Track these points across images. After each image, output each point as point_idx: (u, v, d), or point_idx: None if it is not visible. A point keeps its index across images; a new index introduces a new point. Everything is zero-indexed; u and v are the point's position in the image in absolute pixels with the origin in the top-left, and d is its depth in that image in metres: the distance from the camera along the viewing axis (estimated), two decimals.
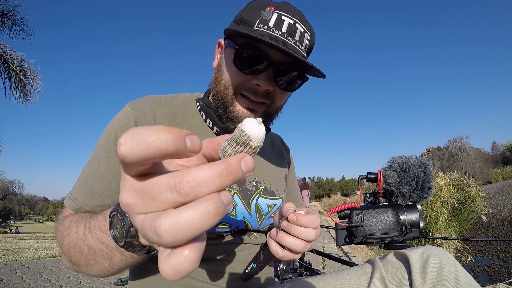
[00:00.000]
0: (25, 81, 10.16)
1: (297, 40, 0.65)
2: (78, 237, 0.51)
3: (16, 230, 25.47)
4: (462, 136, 31.45)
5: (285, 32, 0.63)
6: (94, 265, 0.50)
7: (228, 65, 0.68)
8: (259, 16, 0.64)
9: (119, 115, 0.67)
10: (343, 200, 20.66)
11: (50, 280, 3.36)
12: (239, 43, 0.64)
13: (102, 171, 0.63)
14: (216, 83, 0.71)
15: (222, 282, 0.68)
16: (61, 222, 0.60)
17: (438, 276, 0.56)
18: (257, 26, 0.63)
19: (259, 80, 0.65)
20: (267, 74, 0.65)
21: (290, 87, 0.69)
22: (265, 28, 0.63)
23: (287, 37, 0.63)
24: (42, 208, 73.95)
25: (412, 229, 0.66)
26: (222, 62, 0.70)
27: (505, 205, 13.02)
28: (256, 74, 0.65)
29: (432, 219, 5.49)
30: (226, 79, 0.68)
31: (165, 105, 0.71)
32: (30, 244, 7.00)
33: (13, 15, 10.10)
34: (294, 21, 0.64)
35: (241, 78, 0.66)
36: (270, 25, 0.63)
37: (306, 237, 0.50)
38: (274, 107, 0.71)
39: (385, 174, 0.69)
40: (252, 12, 0.65)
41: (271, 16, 0.63)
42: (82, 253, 0.50)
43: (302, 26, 0.65)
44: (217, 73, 0.72)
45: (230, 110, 0.68)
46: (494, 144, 44.41)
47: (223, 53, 0.70)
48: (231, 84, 0.67)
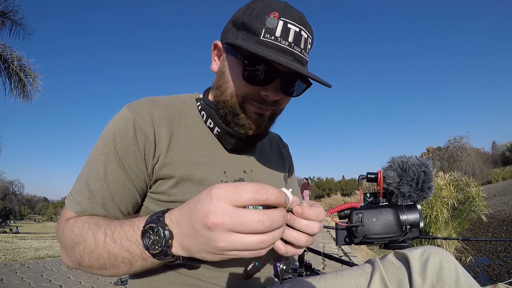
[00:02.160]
0: (25, 80, 10.17)
1: (302, 48, 0.66)
2: (98, 245, 0.54)
3: (16, 230, 25.53)
4: (462, 136, 31.52)
5: (291, 42, 0.63)
6: (110, 269, 0.55)
7: (234, 76, 0.68)
8: (264, 24, 0.63)
9: (117, 118, 0.67)
10: (343, 200, 20.66)
11: (50, 280, 3.36)
12: (246, 56, 0.64)
13: (101, 173, 0.63)
14: (221, 91, 0.71)
15: (222, 281, 0.68)
16: (66, 226, 0.61)
17: (438, 276, 0.56)
18: (263, 36, 0.63)
19: (268, 92, 0.66)
20: (275, 85, 0.66)
21: (296, 94, 0.71)
22: (272, 39, 0.63)
23: (294, 47, 0.64)
24: (42, 208, 74.09)
25: (412, 229, 0.65)
26: (226, 70, 0.69)
27: (505, 205, 13.02)
28: (264, 85, 0.66)
29: (432, 219, 5.49)
30: (231, 88, 0.68)
31: (163, 107, 0.71)
32: (30, 244, 7.01)
33: (13, 15, 10.12)
34: (299, 29, 0.64)
35: (249, 89, 0.67)
36: (277, 35, 0.63)
37: (310, 231, 0.50)
38: (279, 110, 0.74)
39: (385, 174, 0.69)
40: (255, 18, 0.64)
41: (276, 24, 0.63)
42: (99, 259, 0.54)
43: (306, 32, 0.66)
44: (220, 80, 0.71)
45: (240, 118, 0.69)
46: (494, 144, 44.48)
47: (225, 61, 0.70)
48: (238, 94, 0.68)
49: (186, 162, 0.67)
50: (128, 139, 0.64)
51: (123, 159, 0.64)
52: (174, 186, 0.66)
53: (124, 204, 0.65)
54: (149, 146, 0.65)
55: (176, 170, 0.66)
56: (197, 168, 0.68)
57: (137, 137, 0.65)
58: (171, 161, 0.66)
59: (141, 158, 0.65)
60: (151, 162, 0.65)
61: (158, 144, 0.66)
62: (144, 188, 0.68)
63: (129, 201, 0.66)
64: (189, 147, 0.69)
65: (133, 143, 0.64)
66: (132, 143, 0.64)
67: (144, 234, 0.48)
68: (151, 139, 0.65)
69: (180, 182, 0.66)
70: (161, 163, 0.66)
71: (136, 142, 0.64)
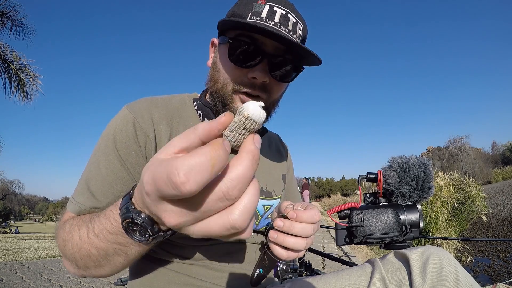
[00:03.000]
0: (25, 80, 10.18)
1: (290, 30, 0.65)
2: (83, 240, 0.50)
3: (16, 230, 25.50)
4: (462, 136, 31.49)
5: (277, 22, 0.64)
6: (106, 264, 0.50)
7: (223, 61, 0.68)
8: (251, 9, 0.65)
9: (117, 118, 0.68)
10: (343, 200, 20.64)
11: (50, 280, 3.36)
12: (232, 36, 0.65)
13: (102, 174, 0.64)
14: (214, 82, 0.71)
15: (222, 281, 0.69)
16: (62, 227, 0.60)
17: (438, 276, 0.56)
18: (249, 18, 0.64)
19: (255, 73, 0.65)
20: (262, 66, 0.65)
21: (286, 79, 0.70)
22: (258, 19, 0.63)
23: (280, 27, 0.64)
24: (42, 208, 74.04)
25: (412, 229, 0.66)
26: (217, 59, 0.70)
27: (505, 205, 13.02)
28: (251, 67, 0.65)
29: (432, 219, 5.49)
30: (222, 76, 0.68)
31: (162, 107, 0.71)
32: (30, 244, 7.01)
33: (13, 15, 10.13)
34: (286, 11, 0.65)
35: (237, 72, 0.66)
36: (263, 16, 0.63)
37: (305, 234, 0.51)
38: (271, 101, 0.72)
39: (385, 174, 0.69)
40: (243, 6, 0.66)
41: (263, 8, 0.64)
42: (90, 256, 0.50)
43: (294, 16, 0.66)
44: (212, 71, 0.72)
45: (229, 107, 0.69)
46: (494, 144, 44.45)
47: (217, 51, 0.71)
48: (228, 81, 0.68)
49: None
50: (128, 138, 0.64)
51: (125, 158, 0.64)
52: None
53: None
54: (150, 144, 0.65)
55: None
56: None
57: (138, 135, 0.65)
58: None
59: (143, 156, 0.65)
60: None
61: (159, 142, 0.66)
62: None
63: None
64: None
65: (134, 142, 0.64)
66: (133, 141, 0.64)
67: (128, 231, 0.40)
68: (151, 137, 0.66)
69: None
70: None
71: (137, 141, 0.65)
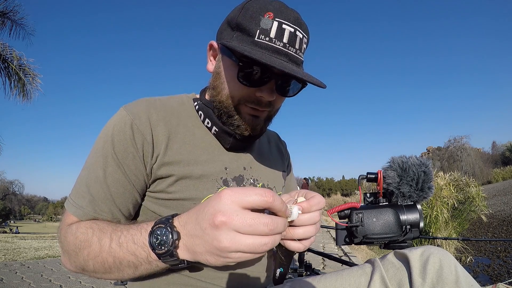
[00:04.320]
0: (25, 80, 10.18)
1: (297, 48, 0.65)
2: (103, 250, 0.55)
3: (16, 230, 25.51)
4: (462, 136, 31.47)
5: (286, 42, 0.63)
6: (114, 273, 0.56)
7: (230, 77, 0.68)
8: (258, 25, 0.63)
9: (115, 120, 0.67)
10: (343, 200, 20.71)
11: (50, 280, 3.36)
12: (241, 57, 0.64)
13: (100, 176, 0.63)
14: (217, 92, 0.71)
15: (222, 281, 0.69)
16: (69, 231, 0.60)
17: (438, 276, 0.56)
18: (258, 37, 0.63)
19: (263, 93, 0.66)
20: (270, 86, 0.66)
21: (291, 94, 0.71)
22: (267, 40, 0.62)
23: (288, 48, 0.64)
24: (42, 208, 74.02)
25: (412, 229, 0.66)
26: (221, 71, 0.70)
27: (505, 205, 13.03)
28: (259, 86, 0.66)
29: (432, 219, 5.49)
30: (227, 90, 0.69)
31: (160, 108, 0.71)
32: (30, 244, 7.01)
33: (13, 15, 10.12)
34: (294, 29, 0.64)
35: (245, 90, 0.67)
36: (272, 36, 0.62)
37: (312, 222, 0.54)
38: (274, 111, 0.74)
39: (385, 174, 0.69)
40: (250, 18, 0.64)
41: (271, 25, 0.63)
42: (104, 263, 0.55)
43: (301, 32, 0.66)
44: (216, 81, 0.71)
45: (235, 119, 0.70)
46: (494, 144, 44.45)
47: (221, 61, 0.70)
48: (234, 95, 0.68)
49: (185, 161, 0.68)
50: (126, 141, 0.64)
51: (122, 161, 0.64)
52: (172, 184, 0.66)
53: (125, 205, 0.66)
54: (147, 146, 0.65)
55: (175, 168, 0.66)
56: (197, 165, 0.68)
57: (135, 138, 0.65)
58: (170, 160, 0.66)
59: (140, 159, 0.65)
60: (150, 162, 0.66)
61: (156, 144, 0.66)
62: (144, 188, 0.68)
63: (129, 202, 0.66)
64: (188, 146, 0.70)
65: (132, 144, 0.64)
66: (131, 144, 0.64)
67: (152, 234, 0.49)
68: (149, 139, 0.66)
69: (179, 180, 0.66)
70: (159, 163, 0.66)
71: (135, 143, 0.65)
